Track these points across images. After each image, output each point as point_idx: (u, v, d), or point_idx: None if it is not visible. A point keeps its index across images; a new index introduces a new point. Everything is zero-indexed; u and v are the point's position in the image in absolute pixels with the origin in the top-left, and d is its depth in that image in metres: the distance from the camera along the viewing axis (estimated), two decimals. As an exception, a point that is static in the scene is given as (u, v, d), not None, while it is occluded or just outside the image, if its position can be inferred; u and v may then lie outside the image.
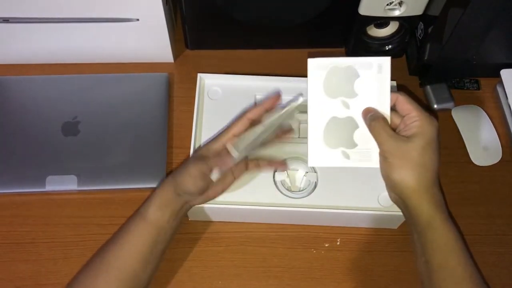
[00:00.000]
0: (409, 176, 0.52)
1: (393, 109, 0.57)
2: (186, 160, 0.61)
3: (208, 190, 0.60)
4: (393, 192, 0.55)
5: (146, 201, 0.60)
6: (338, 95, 0.58)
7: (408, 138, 0.53)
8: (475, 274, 0.52)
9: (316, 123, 0.59)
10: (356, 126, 0.58)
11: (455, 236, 0.52)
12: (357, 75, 0.58)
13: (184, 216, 0.62)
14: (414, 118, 0.54)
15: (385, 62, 0.58)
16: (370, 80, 0.58)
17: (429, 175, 0.52)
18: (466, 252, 0.53)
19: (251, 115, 0.61)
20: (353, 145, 0.58)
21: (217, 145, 0.60)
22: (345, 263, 0.66)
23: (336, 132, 0.58)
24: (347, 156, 0.58)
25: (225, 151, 0.59)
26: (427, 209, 0.52)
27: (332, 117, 0.59)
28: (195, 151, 0.64)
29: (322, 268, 0.65)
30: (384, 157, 0.54)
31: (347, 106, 0.58)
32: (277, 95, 0.62)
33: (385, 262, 0.66)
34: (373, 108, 0.57)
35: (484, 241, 0.68)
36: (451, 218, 0.53)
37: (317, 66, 0.59)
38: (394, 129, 0.56)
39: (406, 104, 0.54)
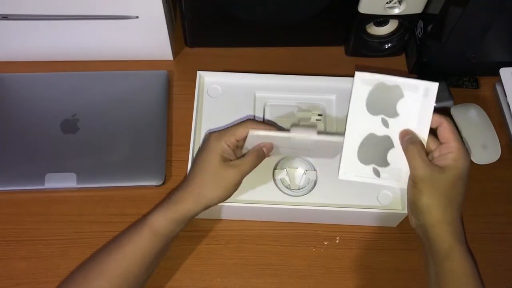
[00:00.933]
0: (436, 206, 0.53)
1: (432, 132, 0.57)
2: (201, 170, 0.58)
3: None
4: (416, 218, 0.56)
5: (155, 209, 0.57)
6: (380, 112, 0.58)
7: (441, 168, 0.53)
8: None
9: (353, 137, 0.58)
10: (392, 146, 0.57)
11: (472, 269, 0.53)
12: (401, 95, 0.57)
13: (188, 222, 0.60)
14: (451, 149, 0.53)
15: (433, 87, 0.57)
16: (414, 102, 0.57)
17: (455, 208, 0.53)
18: (481, 285, 0.53)
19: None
20: (386, 163, 0.57)
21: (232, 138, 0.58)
22: (344, 261, 0.66)
23: (371, 148, 0.58)
24: (377, 174, 0.58)
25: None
26: (449, 240, 0.53)
27: (370, 133, 0.58)
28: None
29: (321, 266, 0.65)
30: (414, 182, 0.54)
31: (386, 124, 0.57)
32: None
33: (384, 260, 0.66)
34: (412, 131, 0.56)
35: (483, 239, 0.68)
36: (470, 251, 0.54)
37: (363, 80, 0.58)
38: (427, 154, 0.56)
39: (448, 133, 0.54)
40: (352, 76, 0.72)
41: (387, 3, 0.69)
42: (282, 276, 0.65)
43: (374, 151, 0.58)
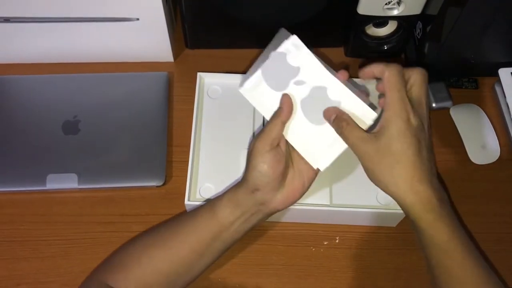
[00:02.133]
0: (384, 178, 0.48)
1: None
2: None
3: (285, 183, 0.53)
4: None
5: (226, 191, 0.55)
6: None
7: (374, 136, 0.48)
8: (474, 272, 0.49)
9: (293, 136, 0.55)
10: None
11: (445, 238, 0.48)
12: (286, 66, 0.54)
13: (260, 222, 0.56)
14: (386, 106, 0.48)
15: (293, 39, 0.54)
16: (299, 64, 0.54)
17: (406, 171, 0.47)
18: (461, 252, 0.49)
19: (285, 119, 0.54)
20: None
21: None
22: (344, 261, 0.66)
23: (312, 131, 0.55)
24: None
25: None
26: (412, 210, 0.48)
27: (301, 120, 0.55)
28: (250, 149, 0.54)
29: (321, 265, 0.66)
30: (361, 162, 0.50)
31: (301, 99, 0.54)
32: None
33: (384, 260, 0.66)
34: (333, 108, 0.52)
35: (483, 239, 0.68)
36: (446, 213, 0.48)
37: (249, 89, 0.55)
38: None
39: (387, 83, 0.49)
40: (352, 77, 0.73)
41: (386, 4, 0.69)
42: (282, 276, 0.65)
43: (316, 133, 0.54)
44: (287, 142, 0.55)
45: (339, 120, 0.51)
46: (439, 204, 0.48)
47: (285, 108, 0.53)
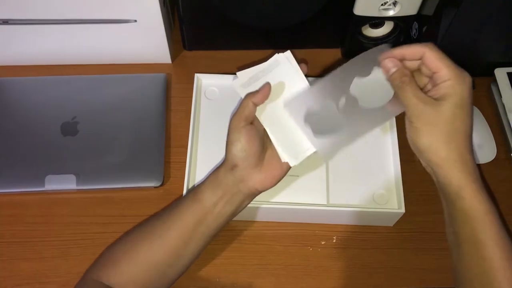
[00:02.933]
0: (437, 144, 0.48)
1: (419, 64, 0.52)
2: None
3: (264, 163, 0.54)
4: (421, 159, 0.51)
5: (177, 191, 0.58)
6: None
7: (437, 100, 0.48)
8: (506, 249, 0.48)
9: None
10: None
11: (485, 208, 0.48)
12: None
13: (242, 206, 0.56)
14: (444, 77, 0.48)
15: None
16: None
17: (461, 142, 0.48)
18: (497, 226, 0.48)
19: (256, 100, 0.54)
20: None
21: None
22: (342, 261, 0.66)
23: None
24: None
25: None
26: (458, 179, 0.48)
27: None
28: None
29: (319, 265, 0.66)
30: (410, 122, 0.49)
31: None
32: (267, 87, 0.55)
33: (382, 259, 0.67)
34: (395, 60, 0.50)
35: (479, 238, 0.68)
36: (483, 188, 0.49)
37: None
38: (421, 89, 0.50)
39: (435, 61, 0.48)
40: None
41: (382, 5, 0.70)
42: (279, 276, 0.65)
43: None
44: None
45: (401, 74, 0.50)
46: (480, 176, 0.49)
47: (261, 92, 0.54)
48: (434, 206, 0.70)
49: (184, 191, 0.64)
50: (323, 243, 0.67)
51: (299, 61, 0.58)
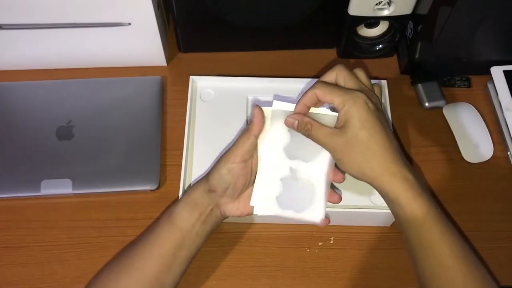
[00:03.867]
0: (360, 166, 0.50)
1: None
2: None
3: (242, 196, 0.57)
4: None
5: (174, 196, 0.57)
6: (293, 157, 0.57)
7: (340, 130, 0.51)
8: (453, 246, 0.49)
9: (266, 178, 0.57)
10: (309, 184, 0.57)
11: (424, 213, 0.49)
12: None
13: (215, 226, 0.58)
14: (339, 106, 0.51)
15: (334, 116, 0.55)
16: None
17: (381, 156, 0.49)
18: (440, 227, 0.49)
19: (257, 132, 0.56)
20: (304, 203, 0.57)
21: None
22: (339, 262, 0.66)
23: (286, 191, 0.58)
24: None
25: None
26: (391, 190, 0.49)
27: (287, 178, 0.57)
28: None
29: (316, 267, 0.66)
30: (334, 157, 0.53)
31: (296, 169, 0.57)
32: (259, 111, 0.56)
33: (379, 260, 0.66)
34: (297, 114, 0.54)
35: (477, 237, 0.68)
36: (423, 193, 0.50)
37: (275, 116, 0.57)
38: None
39: (327, 96, 0.51)
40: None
41: (376, 4, 0.69)
42: (277, 278, 0.65)
43: (292, 194, 0.57)
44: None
45: (302, 123, 0.54)
46: (416, 182, 0.50)
47: (256, 121, 0.55)
48: (431, 205, 0.70)
49: (180, 194, 0.64)
50: (320, 244, 0.67)
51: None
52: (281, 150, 0.57)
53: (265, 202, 0.57)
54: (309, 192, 0.57)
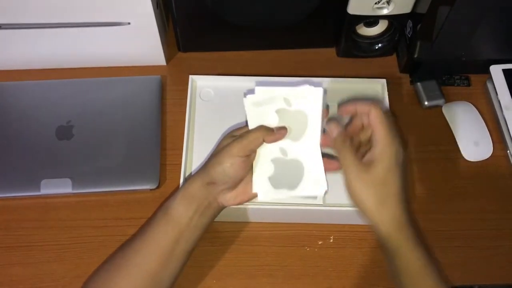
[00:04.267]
0: (372, 206, 0.52)
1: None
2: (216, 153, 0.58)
3: (239, 185, 0.57)
4: (363, 217, 0.55)
5: (173, 194, 0.57)
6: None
7: (369, 165, 0.52)
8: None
9: (260, 161, 0.58)
10: (300, 162, 0.58)
11: (421, 264, 0.52)
12: (290, 104, 0.58)
13: (213, 218, 0.58)
14: (376, 142, 0.53)
15: (318, 91, 0.57)
16: (306, 109, 0.58)
17: (393, 202, 0.52)
18: (434, 277, 0.52)
19: (270, 140, 0.57)
20: (299, 180, 0.58)
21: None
22: (339, 261, 0.66)
23: (280, 172, 0.59)
24: (293, 187, 0.58)
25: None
26: (394, 238, 0.52)
27: (275, 157, 0.59)
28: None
29: (316, 265, 0.66)
30: (348, 183, 0.54)
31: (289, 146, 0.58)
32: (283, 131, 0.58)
33: (378, 258, 0.66)
34: (339, 126, 0.56)
35: (477, 235, 0.68)
36: (419, 243, 0.53)
37: (252, 103, 0.58)
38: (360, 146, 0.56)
39: (375, 120, 0.53)
40: (344, 76, 0.73)
41: (375, 3, 0.70)
42: (276, 277, 0.65)
43: (284, 174, 0.58)
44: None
45: (341, 138, 0.54)
46: (416, 231, 0.53)
47: (277, 134, 0.57)
48: (431, 205, 0.70)
49: (180, 193, 0.64)
50: (320, 243, 0.67)
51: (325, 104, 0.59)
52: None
53: (267, 188, 0.58)
54: (306, 169, 0.58)
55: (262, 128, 0.57)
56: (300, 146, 0.58)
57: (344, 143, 0.54)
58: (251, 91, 0.59)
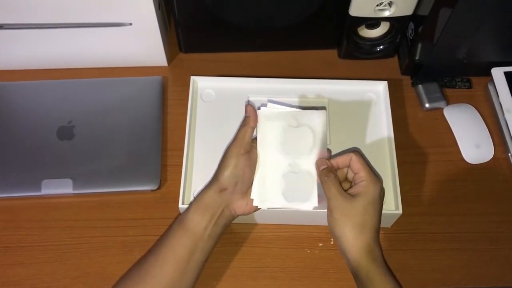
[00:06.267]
0: (350, 233, 0.56)
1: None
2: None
3: (249, 192, 0.60)
4: (339, 245, 0.58)
5: (173, 195, 0.61)
6: (289, 153, 0.61)
7: (353, 197, 0.57)
8: None
9: (265, 172, 0.61)
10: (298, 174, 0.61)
11: (388, 284, 0.56)
12: (300, 124, 0.62)
13: (225, 227, 0.60)
14: (361, 178, 0.58)
15: (322, 114, 0.62)
16: (313, 128, 0.62)
17: (369, 233, 0.56)
18: None
19: (253, 124, 0.61)
20: (295, 190, 0.61)
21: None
22: (339, 263, 0.66)
23: (283, 182, 0.61)
24: (288, 199, 0.61)
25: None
26: (366, 265, 0.55)
27: (283, 172, 0.61)
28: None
29: (316, 267, 0.66)
30: (330, 211, 0.57)
31: (297, 159, 0.62)
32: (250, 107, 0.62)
33: (379, 260, 0.66)
34: (327, 161, 0.60)
35: (478, 238, 0.68)
36: (389, 270, 0.57)
37: (265, 116, 0.62)
38: (349, 181, 0.61)
39: (357, 164, 0.58)
40: (346, 78, 0.74)
41: (377, 5, 0.70)
42: (277, 278, 0.65)
43: (281, 184, 0.61)
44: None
45: (327, 171, 0.59)
46: (383, 259, 0.57)
47: (251, 114, 0.60)
48: (431, 207, 0.70)
49: (181, 194, 0.64)
50: (320, 245, 0.67)
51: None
52: (277, 148, 0.62)
53: (264, 195, 0.60)
54: (308, 182, 0.61)
55: (243, 122, 0.60)
56: (306, 161, 0.61)
57: (329, 176, 0.58)
58: (264, 105, 0.63)
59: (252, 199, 0.60)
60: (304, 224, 0.68)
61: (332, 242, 0.67)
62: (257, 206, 0.60)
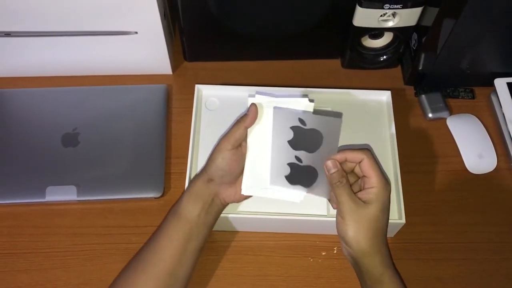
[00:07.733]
0: (363, 239, 0.56)
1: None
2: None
3: (238, 181, 0.60)
4: (346, 249, 0.57)
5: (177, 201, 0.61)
6: (298, 147, 0.60)
7: (365, 203, 0.56)
8: None
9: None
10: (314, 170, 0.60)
11: (398, 285, 0.56)
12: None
13: (217, 215, 0.61)
14: (372, 184, 0.57)
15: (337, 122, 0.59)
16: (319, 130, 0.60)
17: (380, 238, 0.56)
18: None
19: (248, 124, 0.60)
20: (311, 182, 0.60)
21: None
22: (342, 272, 0.66)
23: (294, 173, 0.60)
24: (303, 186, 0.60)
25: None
26: (378, 268, 0.56)
27: (291, 162, 0.60)
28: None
29: (319, 276, 0.66)
30: (342, 217, 0.57)
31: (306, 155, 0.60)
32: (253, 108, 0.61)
33: (382, 270, 0.66)
34: (337, 163, 0.58)
35: (480, 248, 0.68)
36: (397, 272, 0.57)
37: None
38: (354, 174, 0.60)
39: (369, 169, 0.57)
40: (349, 88, 0.74)
41: (381, 16, 0.70)
42: (280, 287, 0.65)
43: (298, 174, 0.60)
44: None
45: (339, 175, 0.57)
46: (392, 262, 0.58)
47: (251, 115, 0.60)
48: (435, 216, 0.70)
49: (184, 202, 0.64)
50: (323, 254, 0.67)
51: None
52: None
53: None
54: (313, 175, 0.60)
55: (239, 119, 0.60)
56: (313, 156, 0.60)
57: (342, 178, 0.57)
58: (252, 96, 0.62)
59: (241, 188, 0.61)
60: (307, 232, 0.68)
61: (335, 251, 0.67)
62: (245, 195, 0.61)
